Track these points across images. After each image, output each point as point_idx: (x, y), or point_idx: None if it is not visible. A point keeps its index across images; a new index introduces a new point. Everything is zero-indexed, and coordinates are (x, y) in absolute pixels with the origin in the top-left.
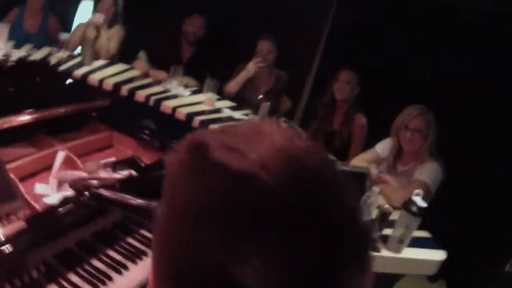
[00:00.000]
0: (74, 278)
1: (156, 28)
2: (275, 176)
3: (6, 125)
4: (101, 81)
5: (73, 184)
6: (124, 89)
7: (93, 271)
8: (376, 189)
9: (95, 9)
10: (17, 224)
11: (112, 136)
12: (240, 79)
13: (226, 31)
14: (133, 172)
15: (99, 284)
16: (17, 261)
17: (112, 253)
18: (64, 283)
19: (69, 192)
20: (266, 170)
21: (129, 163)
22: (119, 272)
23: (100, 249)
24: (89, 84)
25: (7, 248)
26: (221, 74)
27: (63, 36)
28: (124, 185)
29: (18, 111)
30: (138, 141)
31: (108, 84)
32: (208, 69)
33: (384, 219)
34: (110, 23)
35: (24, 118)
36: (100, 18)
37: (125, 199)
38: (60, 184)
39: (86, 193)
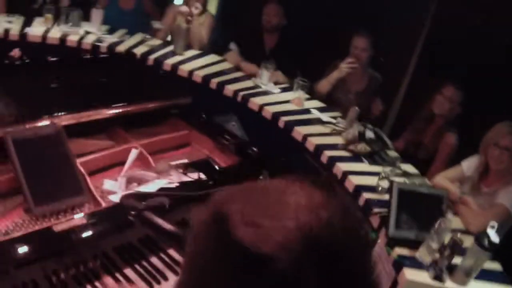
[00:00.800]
0: (130, 273)
1: (240, 18)
2: (294, 260)
3: (85, 119)
4: (190, 72)
5: (124, 200)
6: (213, 82)
7: (150, 268)
8: (451, 214)
9: None
10: (77, 220)
11: (191, 134)
12: (331, 78)
13: (315, 24)
14: (203, 176)
15: (153, 282)
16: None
17: (172, 253)
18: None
19: (132, 192)
20: (286, 253)
21: (202, 165)
22: (176, 273)
23: (161, 247)
24: (176, 75)
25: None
26: (310, 70)
27: (156, 24)
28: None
29: (101, 104)
30: (215, 142)
31: (198, 76)
32: (292, 60)
33: (455, 247)
34: (202, 10)
35: (106, 111)
36: (186, 10)
37: (160, 226)
38: (128, 182)
39: (132, 213)
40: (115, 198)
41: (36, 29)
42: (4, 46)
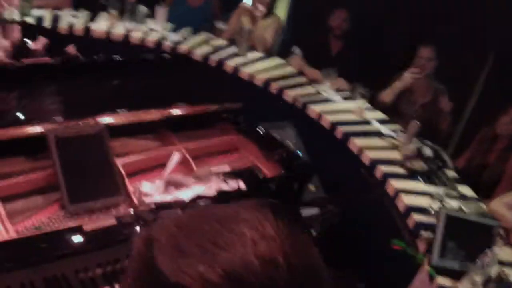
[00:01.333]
0: None
1: (305, 22)
2: None
3: (135, 119)
4: (252, 75)
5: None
6: (274, 87)
7: None
8: (502, 246)
9: None
10: (108, 220)
11: (239, 140)
12: (395, 88)
13: (379, 30)
14: (242, 185)
15: None
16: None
17: None
18: None
19: (170, 196)
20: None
21: (245, 174)
22: None
23: None
24: (231, 79)
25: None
26: (373, 78)
27: (219, 24)
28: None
29: (151, 105)
30: (263, 150)
31: (259, 80)
32: (357, 66)
33: (501, 283)
34: (267, 12)
35: (156, 113)
36: (248, 7)
37: None
38: (166, 186)
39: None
40: (151, 201)
41: (100, 25)
42: (67, 41)
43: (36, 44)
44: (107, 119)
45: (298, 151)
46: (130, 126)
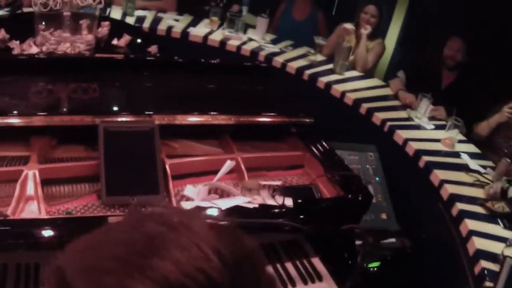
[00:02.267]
0: None
1: (417, 48)
2: None
3: (202, 121)
4: (343, 93)
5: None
6: (364, 107)
7: None
8: None
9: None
10: None
11: (305, 157)
12: (492, 121)
13: (489, 60)
14: (289, 204)
15: None
16: None
17: None
18: None
19: (206, 203)
20: None
21: (299, 191)
22: None
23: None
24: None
25: None
26: (472, 108)
27: (318, 39)
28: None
29: (222, 109)
30: (326, 170)
31: (349, 99)
32: (467, 101)
33: None
34: (373, 34)
35: (224, 118)
36: (350, 29)
37: None
38: (210, 192)
39: None
40: (188, 205)
41: (199, 30)
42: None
43: (120, 41)
44: (169, 119)
45: (377, 177)
46: (195, 128)
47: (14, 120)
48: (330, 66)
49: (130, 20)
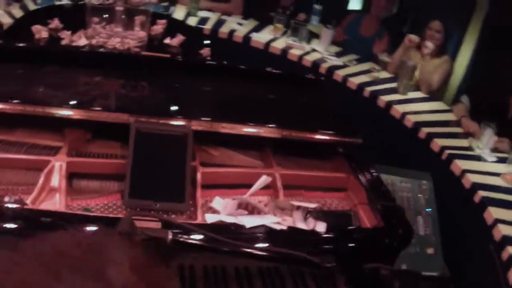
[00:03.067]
0: None
1: (486, 73)
2: None
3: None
4: (403, 115)
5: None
6: (423, 132)
7: None
8: None
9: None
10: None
11: (348, 179)
12: None
13: None
14: (321, 229)
15: None
16: None
17: None
18: None
19: (232, 218)
20: None
21: (335, 216)
22: None
23: None
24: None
25: None
26: None
27: (382, 56)
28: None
29: (268, 121)
30: (370, 197)
31: (410, 121)
32: None
33: None
34: (439, 51)
35: (268, 130)
36: (415, 39)
37: None
38: (239, 207)
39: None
40: (212, 218)
41: (262, 36)
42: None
43: (172, 41)
44: (212, 126)
45: (428, 208)
46: (238, 138)
47: (52, 110)
48: (394, 85)
49: (193, 20)
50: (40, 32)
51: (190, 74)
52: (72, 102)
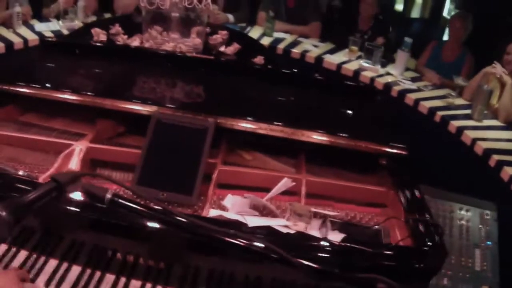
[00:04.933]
0: None
1: None
2: None
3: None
4: (474, 140)
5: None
6: (493, 160)
7: None
8: None
9: None
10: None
11: (388, 195)
12: None
13: None
14: (335, 238)
15: None
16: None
17: None
18: None
19: (237, 216)
20: None
21: (361, 230)
22: None
23: None
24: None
25: None
26: None
27: (458, 79)
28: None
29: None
30: (408, 217)
31: (480, 147)
32: None
33: None
34: None
35: (308, 135)
36: (499, 68)
37: None
38: (250, 206)
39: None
40: (215, 213)
41: (335, 57)
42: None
43: (227, 49)
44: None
45: (488, 241)
46: (273, 141)
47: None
48: (469, 111)
49: (267, 40)
50: (99, 35)
51: (237, 76)
52: (103, 92)
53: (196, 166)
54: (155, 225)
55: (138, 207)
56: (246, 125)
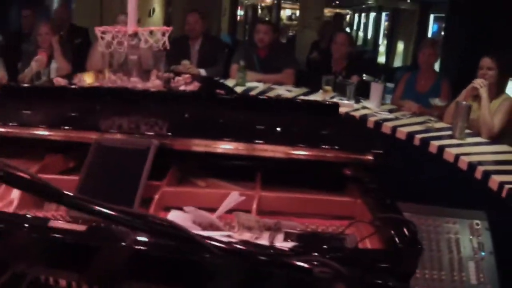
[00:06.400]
0: None
1: None
2: None
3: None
4: (457, 156)
5: None
6: (479, 171)
7: None
8: None
9: None
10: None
11: (355, 204)
12: None
13: None
14: (283, 245)
15: None
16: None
17: None
18: None
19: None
20: None
21: (322, 240)
22: None
23: None
24: None
25: None
26: None
27: (435, 100)
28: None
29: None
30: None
31: (464, 162)
32: None
33: None
34: (497, 90)
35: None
36: (478, 80)
37: None
38: (193, 221)
39: None
40: None
41: (309, 98)
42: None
43: (187, 87)
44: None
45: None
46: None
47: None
48: (450, 132)
49: (239, 89)
50: (60, 83)
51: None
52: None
53: (135, 188)
54: None
55: None
56: (199, 145)
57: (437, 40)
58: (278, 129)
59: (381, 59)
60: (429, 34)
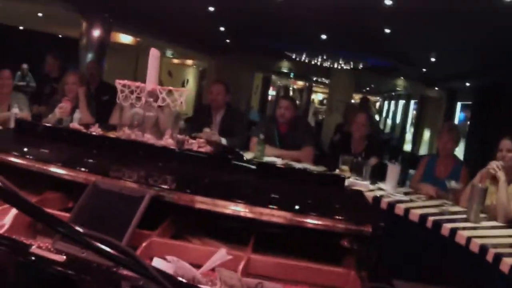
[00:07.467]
0: None
1: None
2: None
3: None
4: (469, 239)
5: None
6: (491, 253)
7: None
8: None
9: None
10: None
11: (349, 276)
12: None
13: None
14: None
15: None
16: None
17: None
18: None
19: None
20: None
21: None
22: None
23: None
24: None
25: None
26: None
27: (451, 183)
28: None
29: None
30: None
31: (475, 244)
32: None
33: None
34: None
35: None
36: (493, 163)
37: None
38: (175, 272)
39: None
40: None
41: None
42: None
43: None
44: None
45: None
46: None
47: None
48: (465, 216)
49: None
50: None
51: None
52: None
53: (122, 233)
54: None
55: None
56: (196, 201)
57: (455, 126)
58: (280, 195)
59: (407, 146)
60: (456, 122)
